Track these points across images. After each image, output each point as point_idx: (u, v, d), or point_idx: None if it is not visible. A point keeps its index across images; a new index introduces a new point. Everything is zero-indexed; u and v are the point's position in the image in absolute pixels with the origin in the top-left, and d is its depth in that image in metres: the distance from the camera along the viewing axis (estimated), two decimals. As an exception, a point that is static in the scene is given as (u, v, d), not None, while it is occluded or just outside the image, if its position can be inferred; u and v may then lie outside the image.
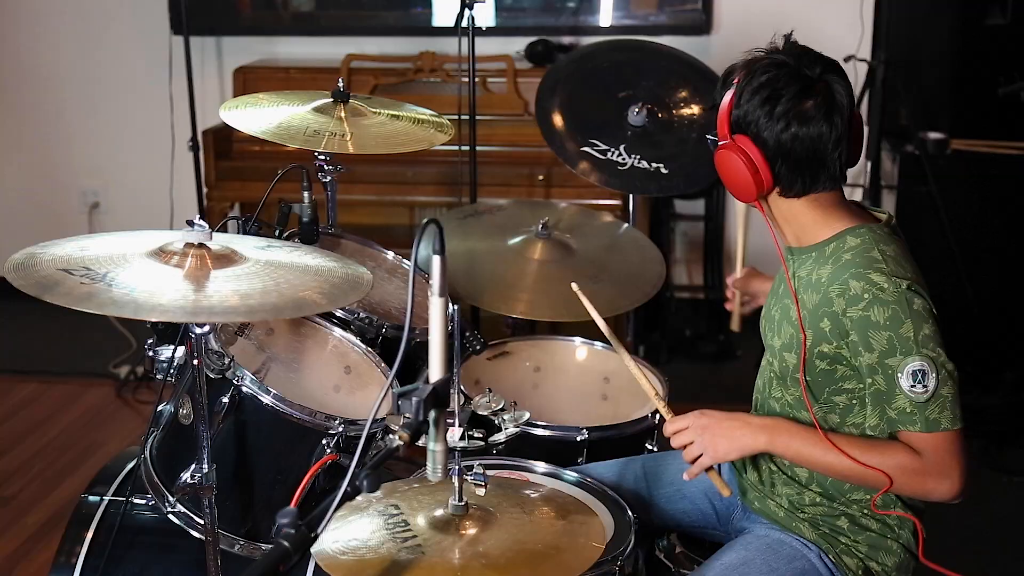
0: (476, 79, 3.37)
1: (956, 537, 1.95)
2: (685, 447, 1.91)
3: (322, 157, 2.55)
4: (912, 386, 1.74)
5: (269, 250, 1.86)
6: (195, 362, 1.82)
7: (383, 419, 1.85)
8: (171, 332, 2.08)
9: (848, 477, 1.84)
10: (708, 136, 1.95)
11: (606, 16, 4.33)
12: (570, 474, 2.10)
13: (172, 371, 2.07)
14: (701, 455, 1.89)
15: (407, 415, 1.39)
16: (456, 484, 1.62)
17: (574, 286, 2.21)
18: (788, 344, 1.89)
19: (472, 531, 1.60)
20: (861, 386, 1.83)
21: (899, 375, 1.75)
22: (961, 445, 1.77)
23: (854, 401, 1.85)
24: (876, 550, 1.90)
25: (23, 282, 1.59)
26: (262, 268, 1.75)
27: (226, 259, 1.75)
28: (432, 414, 1.41)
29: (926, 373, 1.74)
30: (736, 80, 1.84)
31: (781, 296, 1.95)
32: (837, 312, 1.79)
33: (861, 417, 1.86)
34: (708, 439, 1.88)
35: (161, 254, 1.72)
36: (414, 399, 1.39)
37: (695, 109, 3.01)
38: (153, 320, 1.72)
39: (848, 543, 1.91)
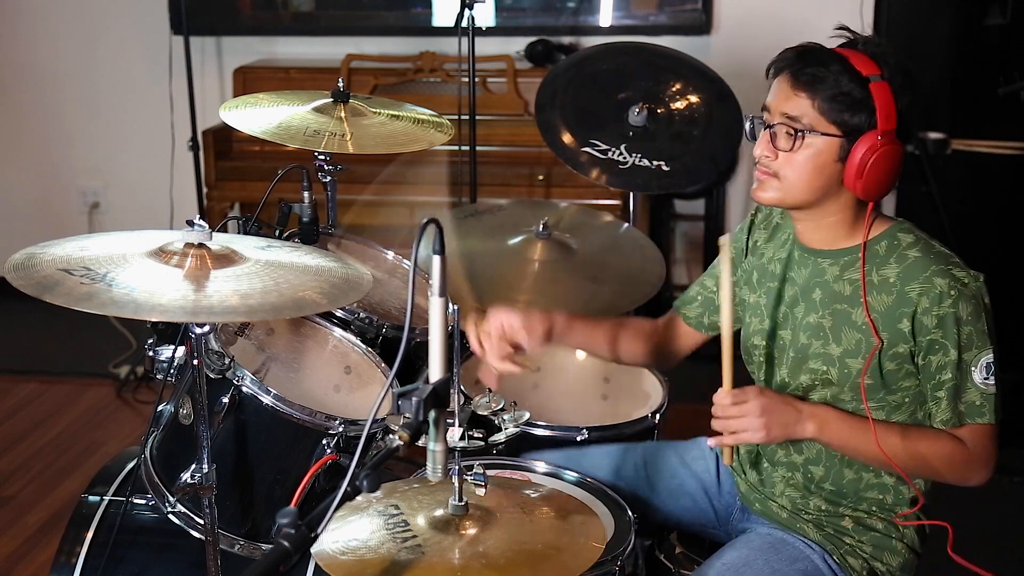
0: (476, 79, 3.36)
1: (956, 537, 1.95)
2: (729, 415, 1.82)
3: (322, 157, 2.55)
4: (985, 379, 1.77)
5: (269, 250, 1.86)
6: (195, 362, 1.82)
7: (383, 419, 1.84)
8: (171, 332, 2.08)
9: (891, 466, 1.82)
10: (824, 129, 1.77)
11: (606, 16, 4.33)
12: (570, 474, 2.10)
13: (172, 371, 2.07)
14: (747, 432, 1.80)
15: (407, 415, 1.39)
16: (456, 484, 1.62)
17: None
18: (853, 350, 1.83)
19: (472, 531, 1.60)
20: (915, 383, 1.83)
21: (973, 369, 1.77)
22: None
23: (906, 399, 1.84)
24: (881, 550, 1.90)
25: (23, 282, 1.59)
26: (262, 268, 1.75)
27: (226, 259, 1.74)
28: (432, 414, 1.41)
29: (994, 366, 1.78)
30: (878, 72, 1.75)
31: (822, 303, 1.86)
32: (918, 310, 1.77)
33: (906, 414, 1.85)
34: (765, 422, 1.79)
35: (161, 254, 1.72)
36: (414, 399, 1.39)
37: (695, 107, 3.00)
38: (153, 320, 1.71)
39: (852, 543, 1.90)
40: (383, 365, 2.28)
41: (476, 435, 1.89)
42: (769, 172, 1.82)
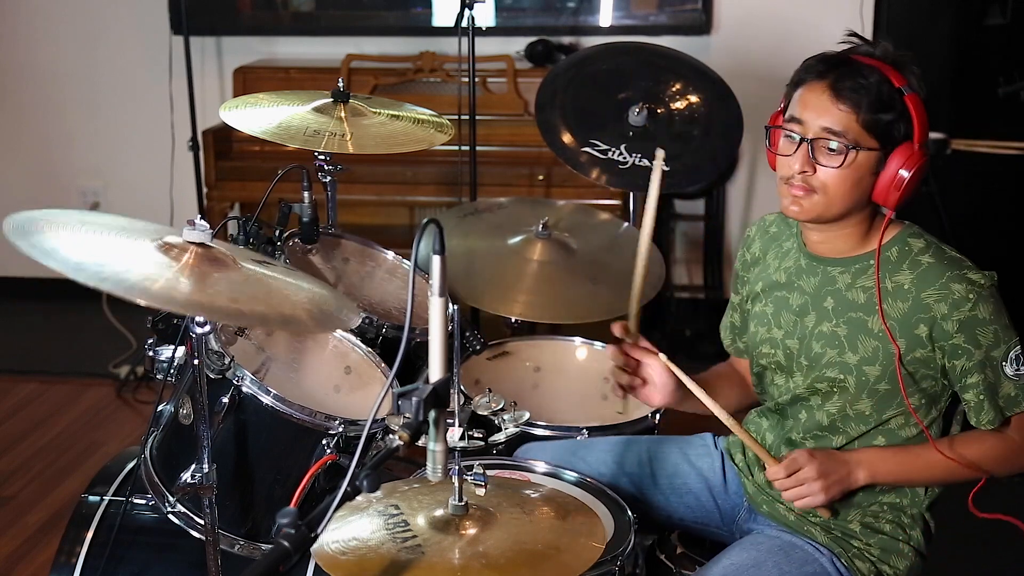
0: (476, 79, 3.37)
1: (956, 537, 1.95)
2: (787, 487, 1.85)
3: (322, 157, 2.55)
4: (1017, 371, 1.79)
5: (265, 267, 1.83)
6: (195, 362, 1.82)
7: (383, 419, 1.84)
8: (171, 332, 2.08)
9: (946, 480, 1.88)
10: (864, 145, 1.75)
11: (606, 16, 4.33)
12: (570, 474, 2.10)
13: (172, 371, 2.07)
14: (808, 497, 1.83)
15: (407, 415, 1.39)
16: (456, 484, 1.62)
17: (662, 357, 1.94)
18: (870, 357, 1.83)
19: (472, 531, 1.60)
20: (932, 385, 1.83)
21: (1003, 364, 1.78)
22: None
23: (923, 401, 1.85)
24: (888, 553, 1.90)
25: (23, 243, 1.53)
26: (257, 278, 1.73)
27: (222, 264, 1.72)
28: (432, 414, 1.41)
29: (1021, 356, 1.80)
30: (906, 83, 1.75)
31: (835, 311, 1.86)
32: (937, 316, 1.77)
33: (922, 416, 1.85)
34: (823, 484, 1.82)
35: (162, 244, 1.70)
36: (414, 399, 1.39)
37: (695, 107, 3.00)
38: (139, 301, 1.66)
39: (860, 547, 1.91)
40: (383, 365, 2.28)
41: (476, 435, 1.89)
42: (807, 187, 1.78)
